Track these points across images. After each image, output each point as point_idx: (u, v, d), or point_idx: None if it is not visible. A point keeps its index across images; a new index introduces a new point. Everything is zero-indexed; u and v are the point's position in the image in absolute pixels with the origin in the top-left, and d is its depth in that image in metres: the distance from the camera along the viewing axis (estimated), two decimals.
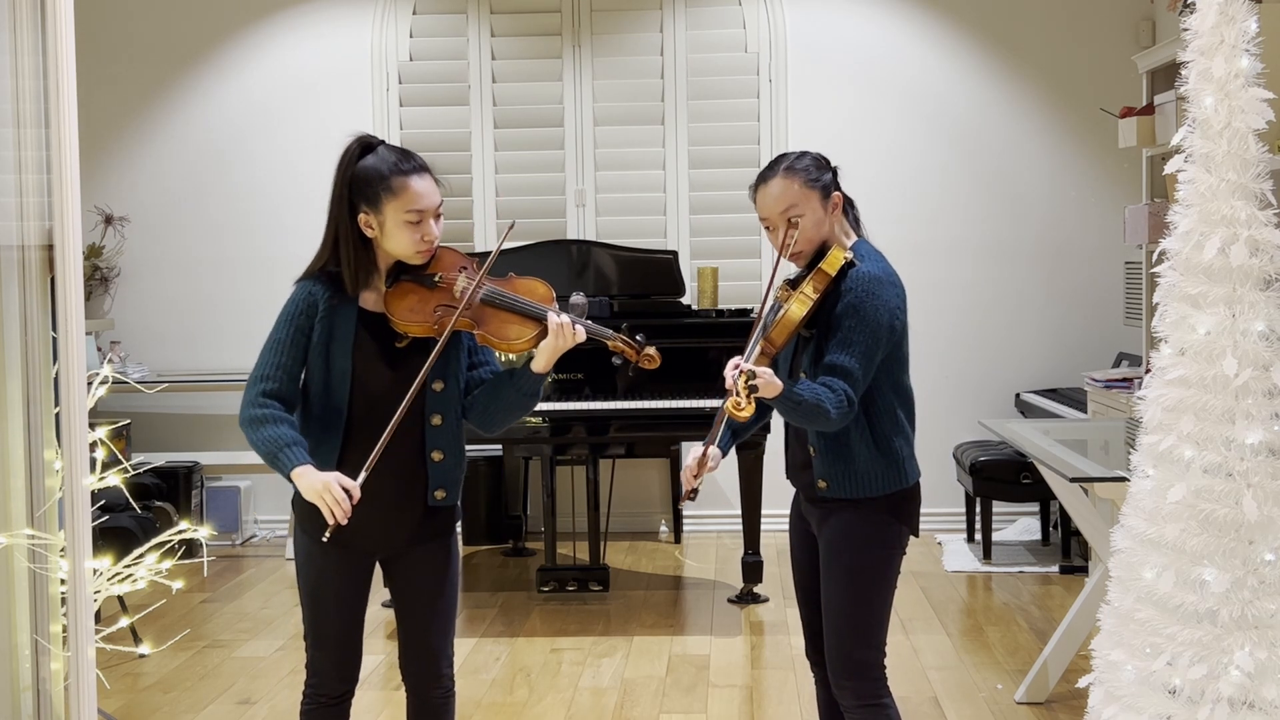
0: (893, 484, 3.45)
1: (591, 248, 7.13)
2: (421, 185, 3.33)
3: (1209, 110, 2.77)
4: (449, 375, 3.40)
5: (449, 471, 3.42)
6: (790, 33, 7.87)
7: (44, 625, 3.31)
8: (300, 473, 3.21)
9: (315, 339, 3.33)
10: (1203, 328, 2.78)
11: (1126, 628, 2.90)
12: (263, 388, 3.31)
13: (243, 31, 8.05)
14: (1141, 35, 7.73)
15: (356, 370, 3.33)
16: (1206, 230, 2.78)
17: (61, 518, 3.21)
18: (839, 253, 3.43)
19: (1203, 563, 2.76)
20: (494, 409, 3.44)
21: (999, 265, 7.90)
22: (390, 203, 3.31)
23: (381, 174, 3.32)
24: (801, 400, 3.25)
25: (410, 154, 3.39)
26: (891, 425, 3.46)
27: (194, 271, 8.10)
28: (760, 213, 3.52)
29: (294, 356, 3.34)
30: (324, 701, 3.47)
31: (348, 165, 3.40)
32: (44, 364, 3.31)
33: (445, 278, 3.40)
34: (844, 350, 3.34)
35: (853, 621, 3.44)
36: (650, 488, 8.07)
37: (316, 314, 3.34)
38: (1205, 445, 2.78)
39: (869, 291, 3.38)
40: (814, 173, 3.48)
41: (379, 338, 3.36)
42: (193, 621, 6.31)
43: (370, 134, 3.44)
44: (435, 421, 3.38)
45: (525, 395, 3.41)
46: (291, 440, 3.25)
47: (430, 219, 3.34)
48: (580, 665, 5.62)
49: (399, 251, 3.36)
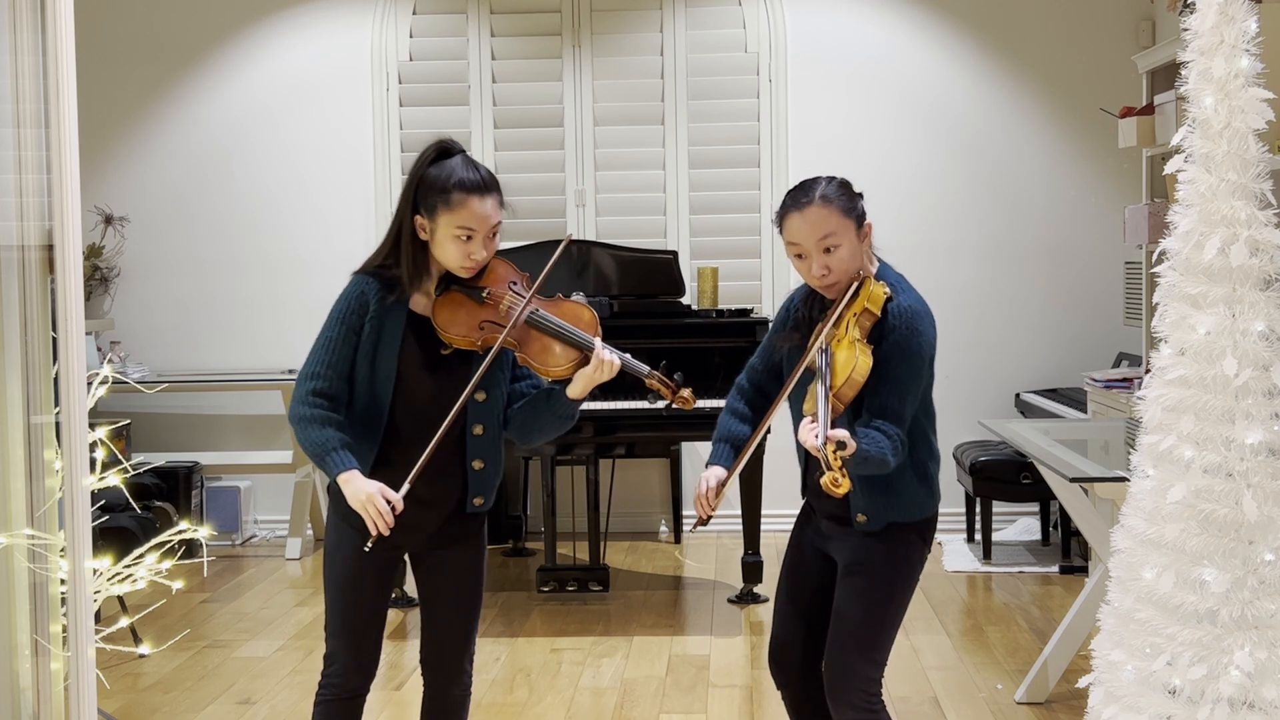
0: (927, 509, 3.47)
1: (592, 248, 7.13)
2: (480, 206, 3.33)
3: (1209, 110, 2.77)
4: (492, 387, 3.42)
5: (488, 480, 3.46)
6: (790, 33, 7.87)
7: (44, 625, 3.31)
8: (347, 478, 3.24)
9: (364, 338, 3.35)
10: (1203, 328, 2.78)
11: (1126, 628, 2.90)
12: (312, 385, 3.33)
13: (243, 31, 8.05)
14: (1141, 35, 7.73)
15: (401, 374, 3.35)
16: (1206, 230, 2.78)
17: (61, 518, 3.21)
18: (879, 289, 3.33)
19: (1203, 563, 2.76)
20: (530, 426, 3.49)
21: (999, 265, 7.90)
22: (444, 214, 3.32)
23: (443, 184, 3.34)
24: (869, 456, 3.16)
25: (484, 171, 3.40)
26: (926, 451, 3.47)
27: (194, 271, 8.10)
28: (791, 239, 3.37)
29: (343, 355, 3.35)
30: (339, 695, 3.47)
31: (420, 167, 3.42)
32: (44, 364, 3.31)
33: (493, 294, 3.40)
34: (894, 393, 3.29)
35: (864, 637, 3.41)
36: (650, 488, 8.07)
37: (367, 313, 3.35)
38: (1205, 445, 2.78)
39: (912, 329, 3.32)
40: (848, 201, 3.36)
41: (425, 343, 3.38)
42: (193, 621, 6.31)
43: (453, 140, 3.48)
44: (477, 431, 3.41)
45: (560, 418, 3.45)
46: (339, 444, 3.28)
47: (482, 238, 3.34)
48: (580, 665, 5.62)
49: (445, 262, 3.38)
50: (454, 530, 3.46)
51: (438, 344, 3.38)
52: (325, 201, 8.01)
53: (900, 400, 3.29)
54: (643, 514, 8.08)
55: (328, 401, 3.32)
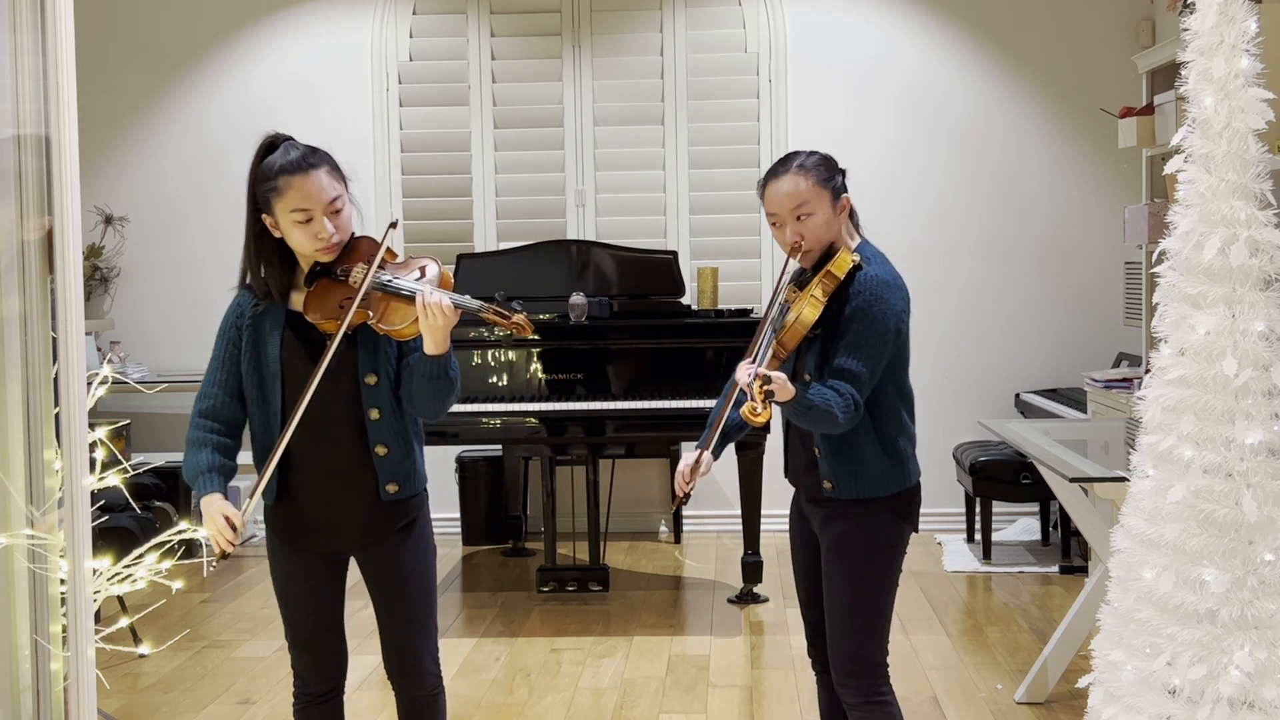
0: (897, 484, 3.47)
1: (591, 248, 7.13)
2: (306, 184, 3.26)
3: (1209, 110, 2.77)
4: (379, 367, 3.36)
5: (398, 464, 3.39)
6: (790, 33, 7.87)
7: (44, 625, 3.30)
8: (204, 502, 3.25)
9: (244, 348, 3.35)
10: (1203, 328, 2.78)
11: (1126, 628, 2.90)
12: (199, 407, 3.38)
13: (243, 31, 8.05)
14: (1141, 35, 7.73)
15: (284, 373, 3.33)
16: (1206, 230, 2.78)
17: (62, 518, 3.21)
18: (847, 255, 3.43)
19: (1202, 563, 2.77)
20: (415, 396, 3.36)
21: (999, 265, 7.90)
22: (278, 203, 3.28)
23: (268, 175, 3.29)
24: (812, 405, 3.26)
25: (309, 150, 3.33)
26: (896, 426, 3.47)
27: (194, 271, 8.10)
28: (769, 208, 3.53)
29: (229, 370, 3.38)
30: (310, 700, 3.49)
31: (253, 166, 3.36)
32: (44, 364, 3.31)
33: (347, 270, 3.35)
34: (852, 354, 3.35)
35: (857, 620, 3.46)
36: (650, 488, 8.07)
37: (244, 323, 3.37)
38: (1205, 445, 2.78)
39: (877, 295, 3.39)
40: (825, 173, 3.48)
41: (305, 338, 3.35)
42: (192, 622, 6.31)
43: (279, 133, 3.39)
44: (374, 416, 3.35)
45: (433, 379, 3.30)
46: (208, 466, 3.30)
47: (323, 216, 3.28)
48: (580, 665, 5.62)
49: (299, 250, 3.34)
50: (379, 523, 3.40)
51: (321, 338, 3.33)
52: None
53: (858, 363, 3.35)
54: (642, 514, 8.08)
55: (212, 421, 3.35)
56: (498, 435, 6.61)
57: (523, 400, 6.51)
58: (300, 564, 3.42)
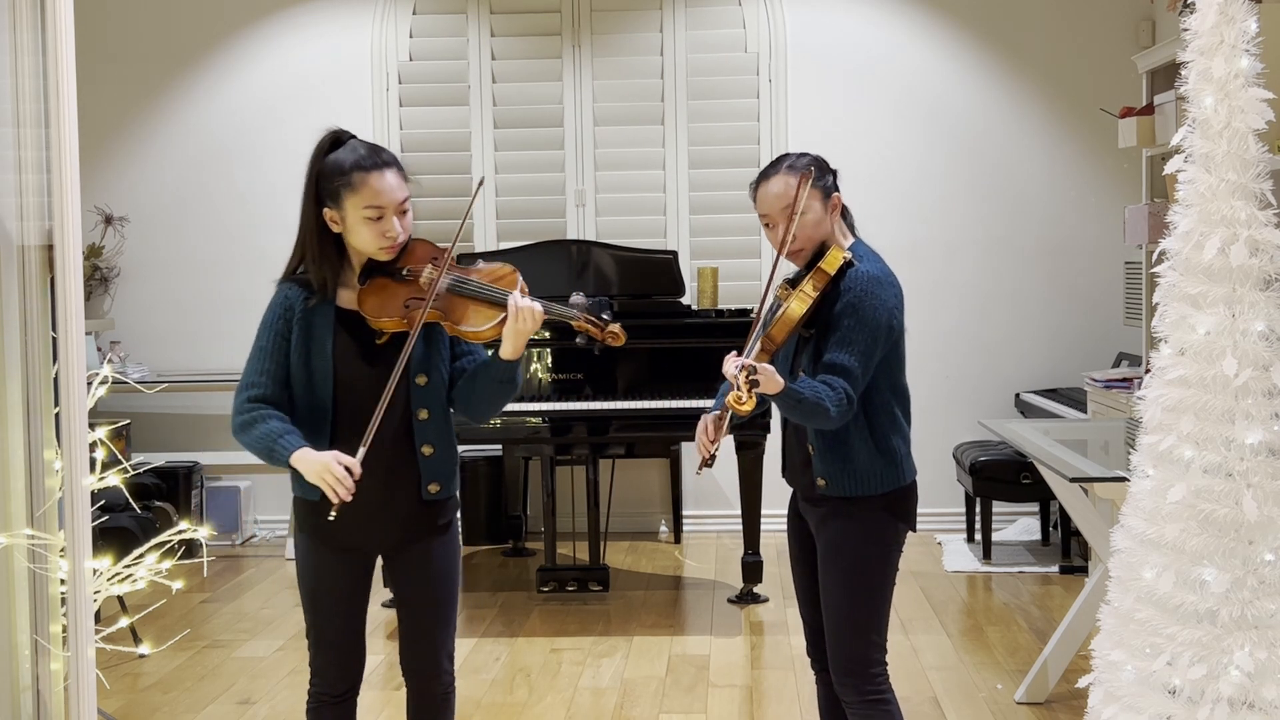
0: (890, 482, 3.47)
1: (591, 248, 7.13)
2: (381, 181, 3.29)
3: (1209, 110, 2.77)
4: (432, 368, 3.39)
5: (441, 465, 3.42)
6: (790, 33, 7.87)
7: (44, 625, 3.31)
8: (299, 456, 3.22)
9: (294, 341, 3.34)
10: (1203, 328, 2.78)
11: (1126, 628, 2.90)
12: (249, 394, 3.33)
13: (243, 31, 8.05)
14: (1141, 35, 7.73)
15: (337, 369, 3.33)
16: (1206, 230, 2.78)
17: (61, 518, 3.21)
18: (838, 252, 3.45)
19: (1202, 563, 2.76)
20: (475, 399, 3.42)
21: (999, 265, 7.90)
22: (349, 198, 3.29)
23: (343, 169, 3.30)
24: (802, 397, 3.27)
25: (378, 149, 3.36)
26: (890, 424, 3.48)
27: (194, 271, 8.10)
28: (760, 209, 3.54)
29: (277, 361, 3.35)
30: (326, 700, 3.48)
31: (316, 160, 3.38)
32: (44, 364, 3.31)
33: (413, 270, 3.38)
34: (843, 349, 3.36)
35: (853, 620, 3.46)
36: (650, 488, 8.07)
37: (294, 316, 3.35)
38: (1205, 445, 2.78)
39: (868, 291, 3.40)
40: (815, 173, 3.48)
41: (358, 336, 3.36)
42: (193, 621, 6.31)
43: (343, 129, 3.42)
44: (422, 416, 3.38)
45: (501, 382, 3.37)
46: (283, 430, 3.26)
47: (393, 215, 3.31)
48: (580, 665, 5.62)
49: (363, 248, 3.35)
50: (417, 523, 3.42)
51: (371, 335, 3.36)
52: None
53: (849, 357, 3.36)
54: (643, 514, 8.08)
55: (265, 405, 3.32)
56: (498, 435, 6.61)
57: (523, 400, 6.50)
58: (332, 561, 3.41)
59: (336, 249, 3.39)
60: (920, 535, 3.51)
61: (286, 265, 3.44)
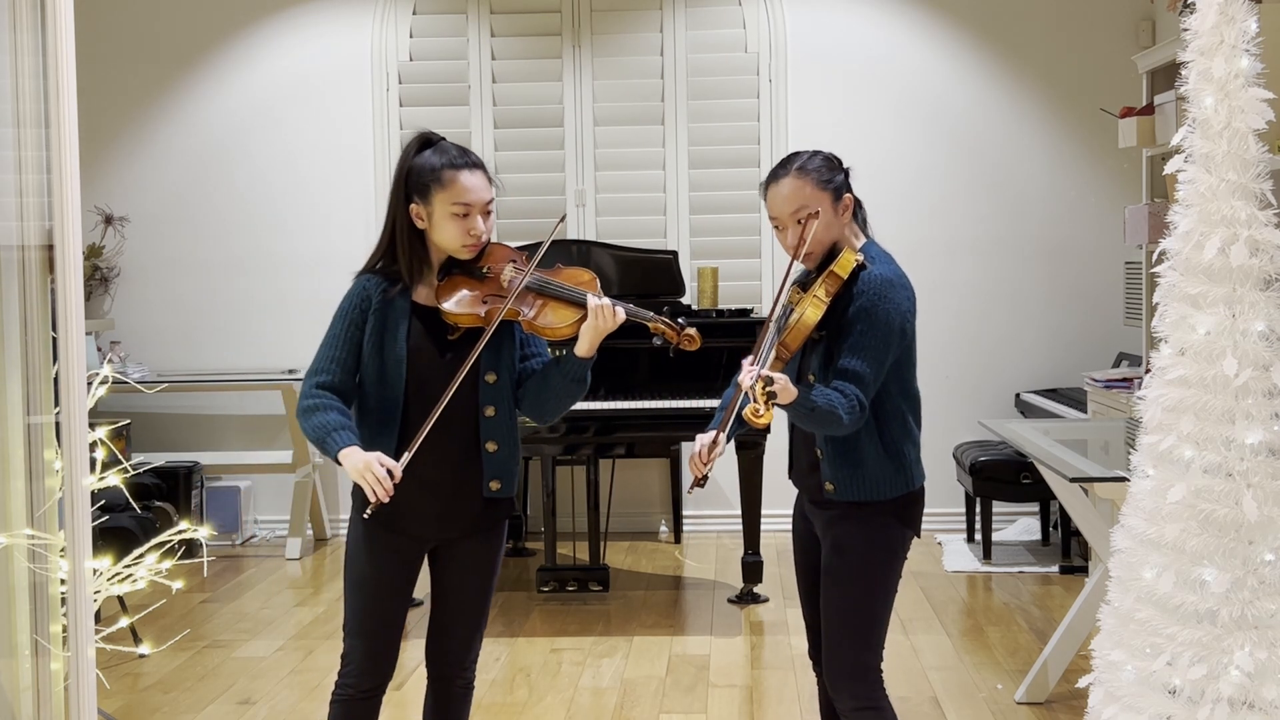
0: (899, 488, 3.44)
1: (592, 248, 7.13)
2: (470, 180, 3.42)
3: (1209, 110, 2.77)
4: (501, 367, 3.46)
5: (504, 463, 3.48)
6: (790, 33, 7.87)
7: (44, 625, 3.31)
8: (346, 454, 3.28)
9: (369, 332, 3.41)
10: (1203, 328, 2.78)
11: (1126, 628, 2.90)
12: (317, 380, 3.41)
13: (243, 31, 8.05)
14: (1141, 35, 7.73)
15: (410, 361, 3.40)
16: (1206, 230, 2.78)
17: (61, 518, 3.21)
18: (851, 255, 3.42)
19: (1203, 563, 2.76)
20: (544, 397, 3.50)
21: (999, 265, 7.90)
22: (439, 194, 3.40)
23: (434, 166, 3.43)
24: (815, 406, 3.23)
25: (467, 151, 3.51)
26: (900, 429, 3.45)
27: (194, 271, 8.10)
28: (770, 212, 3.51)
29: (348, 350, 3.42)
30: (353, 695, 3.48)
31: (406, 158, 3.49)
32: (44, 364, 3.31)
33: (493, 269, 3.48)
34: (856, 354, 3.33)
35: (852, 625, 3.44)
36: (650, 488, 8.07)
37: (370, 307, 3.42)
38: (1205, 445, 2.78)
39: (881, 294, 3.37)
40: (826, 174, 3.46)
41: (432, 330, 3.43)
42: (193, 621, 6.31)
43: (433, 131, 3.56)
44: (489, 413, 3.44)
45: (572, 381, 3.46)
46: (338, 425, 3.33)
47: (478, 214, 3.42)
48: (580, 665, 5.62)
49: (447, 244, 3.44)
50: (474, 519, 3.48)
51: (444, 331, 3.43)
52: (325, 201, 8.01)
53: (862, 363, 3.32)
54: (643, 514, 8.08)
55: (331, 394, 3.39)
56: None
57: None
58: (387, 553, 3.45)
59: (420, 245, 3.47)
60: (921, 536, 3.50)
61: (368, 259, 3.52)
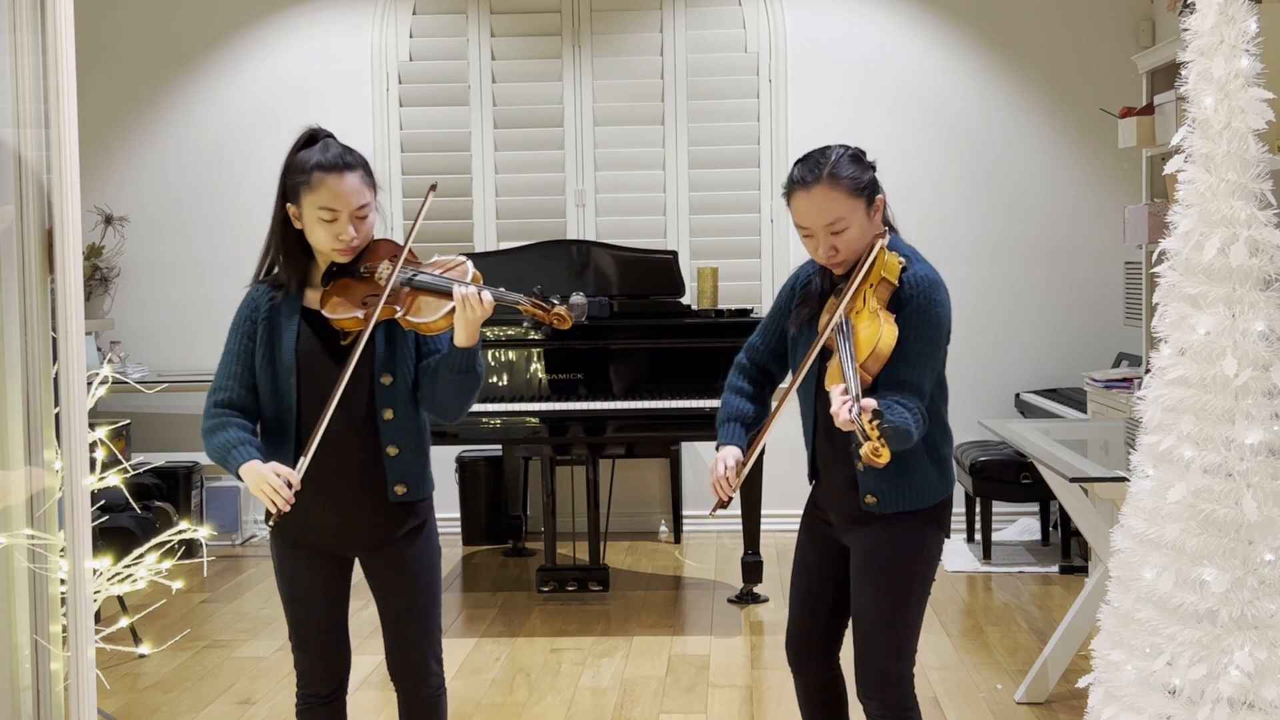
0: (941, 493, 3.35)
1: (591, 248, 7.13)
2: (340, 184, 3.29)
3: (1209, 110, 2.77)
4: (396, 367, 3.37)
5: (408, 466, 3.40)
6: (790, 33, 7.87)
7: (44, 625, 3.30)
8: (245, 469, 3.23)
9: (259, 342, 3.35)
10: (1203, 328, 2.78)
11: (1126, 628, 2.90)
12: (216, 399, 3.36)
13: (243, 31, 8.05)
14: (1141, 35, 7.73)
15: (301, 368, 3.33)
16: (1206, 230, 2.78)
17: (61, 518, 3.21)
18: (894, 259, 3.26)
19: (1202, 563, 2.76)
20: (438, 393, 3.38)
21: (998, 265, 7.90)
22: (307, 197, 3.31)
23: (305, 167, 3.32)
24: (897, 428, 3.04)
25: (347, 151, 3.35)
26: (939, 430, 3.35)
27: (194, 271, 8.10)
28: (798, 220, 3.31)
29: (243, 364, 3.37)
30: (314, 701, 3.49)
31: (289, 155, 3.40)
32: (44, 364, 3.31)
33: (370, 268, 3.38)
34: (912, 365, 3.19)
35: (889, 634, 3.34)
36: (650, 488, 8.07)
37: (259, 316, 3.36)
38: (1205, 445, 2.78)
39: (929, 299, 3.25)
40: (859, 178, 3.28)
41: (323, 336, 3.35)
42: (192, 622, 6.31)
43: (321, 128, 3.42)
44: (387, 416, 3.36)
45: (460, 373, 3.33)
46: (238, 440, 3.28)
47: (348, 219, 3.30)
48: (580, 665, 5.62)
49: (318, 247, 3.36)
50: (387, 525, 3.40)
51: (335, 336, 3.36)
52: None
53: (920, 373, 3.20)
54: (643, 514, 8.08)
55: (231, 410, 3.34)
56: (498, 435, 6.61)
57: (523, 400, 6.51)
58: (306, 565, 3.43)
59: (302, 246, 3.39)
60: None
61: (257, 267, 3.46)
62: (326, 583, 3.45)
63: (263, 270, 3.45)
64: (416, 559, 3.45)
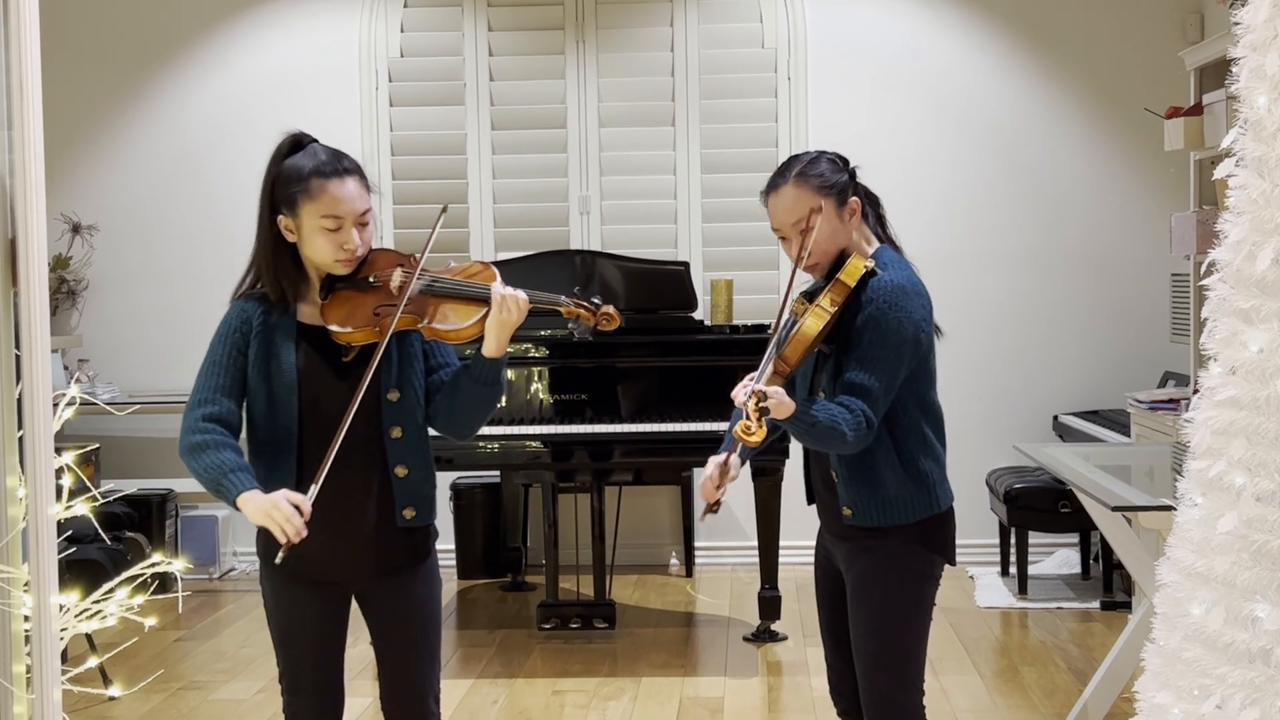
0: (923, 510, 3.44)
1: (596, 258, 7.14)
2: (342, 190, 3.30)
3: (1262, 110, 2.77)
4: (405, 383, 3.37)
5: (416, 488, 3.40)
6: (810, 27, 7.89)
7: (7, 665, 3.31)
8: (246, 498, 3.19)
9: (252, 358, 3.34)
10: (1255, 345, 2.78)
11: (1173, 668, 2.90)
12: (202, 412, 3.31)
13: (219, 26, 8.08)
14: (1189, 30, 7.74)
15: (302, 386, 3.32)
16: (1259, 240, 2.78)
17: (25, 550, 3.21)
18: (858, 262, 3.42)
19: (1255, 598, 2.76)
20: (457, 408, 3.40)
21: (1035, 277, 7.91)
22: (306, 205, 3.31)
23: (301, 174, 3.31)
24: (815, 422, 3.23)
25: (340, 155, 3.37)
26: (919, 445, 3.45)
27: (167, 284, 8.12)
28: (771, 223, 3.53)
29: (232, 377, 3.35)
30: None
31: (273, 164, 3.39)
32: (7, 384, 3.32)
33: (380, 277, 3.37)
34: (863, 367, 3.34)
35: (886, 662, 3.43)
36: (660, 517, 8.07)
37: (251, 330, 3.35)
38: (1258, 471, 2.77)
39: (891, 303, 3.37)
40: (829, 177, 3.48)
41: (323, 351, 3.35)
42: (167, 661, 6.32)
43: (305, 133, 3.42)
44: (395, 434, 3.36)
45: (485, 385, 3.35)
46: (235, 465, 3.24)
47: (352, 226, 3.32)
48: (584, 709, 5.62)
49: (318, 259, 3.36)
50: (392, 552, 3.39)
51: (337, 351, 3.35)
52: None
53: (870, 376, 3.33)
54: (652, 545, 8.08)
55: (220, 426, 3.30)
56: (496, 460, 6.62)
57: (523, 423, 6.51)
58: (303, 600, 3.41)
59: (293, 260, 3.39)
60: (951, 568, 3.49)
61: (240, 280, 3.45)
62: (324, 619, 3.44)
63: (251, 284, 3.44)
64: (421, 591, 3.45)
